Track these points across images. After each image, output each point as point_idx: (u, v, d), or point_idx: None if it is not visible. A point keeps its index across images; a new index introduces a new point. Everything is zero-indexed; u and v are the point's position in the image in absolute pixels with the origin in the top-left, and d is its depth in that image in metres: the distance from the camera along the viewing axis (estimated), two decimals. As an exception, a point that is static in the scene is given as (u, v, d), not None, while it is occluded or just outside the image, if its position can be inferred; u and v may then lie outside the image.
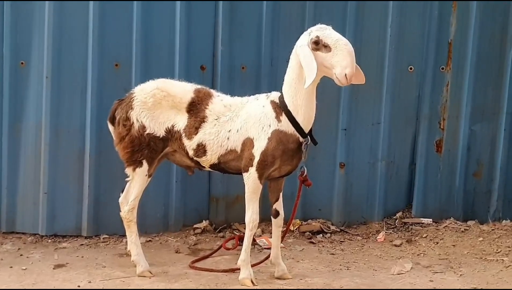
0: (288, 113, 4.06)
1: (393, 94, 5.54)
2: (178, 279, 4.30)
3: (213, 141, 4.22)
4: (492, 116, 5.65)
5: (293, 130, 4.07)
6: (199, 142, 4.25)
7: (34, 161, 5.20)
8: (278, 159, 4.09)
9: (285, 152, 4.10)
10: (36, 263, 4.67)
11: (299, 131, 4.07)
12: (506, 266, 4.66)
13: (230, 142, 4.20)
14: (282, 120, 4.08)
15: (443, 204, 5.69)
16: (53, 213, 5.21)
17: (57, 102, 5.14)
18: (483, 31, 5.52)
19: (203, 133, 4.24)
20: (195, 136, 4.25)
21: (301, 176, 4.28)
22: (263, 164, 4.08)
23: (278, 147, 4.06)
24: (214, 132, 4.22)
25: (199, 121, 4.26)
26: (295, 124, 4.06)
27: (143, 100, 4.34)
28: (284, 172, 4.25)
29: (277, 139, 4.06)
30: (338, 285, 4.22)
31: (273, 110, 4.12)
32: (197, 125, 4.25)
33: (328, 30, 3.97)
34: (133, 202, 4.40)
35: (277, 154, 4.07)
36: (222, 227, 5.47)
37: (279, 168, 4.16)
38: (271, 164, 4.10)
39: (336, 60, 3.88)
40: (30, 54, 5.16)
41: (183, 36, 5.24)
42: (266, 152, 4.06)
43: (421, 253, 5.02)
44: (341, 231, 5.50)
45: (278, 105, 4.11)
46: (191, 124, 4.27)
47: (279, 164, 4.12)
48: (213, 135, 4.22)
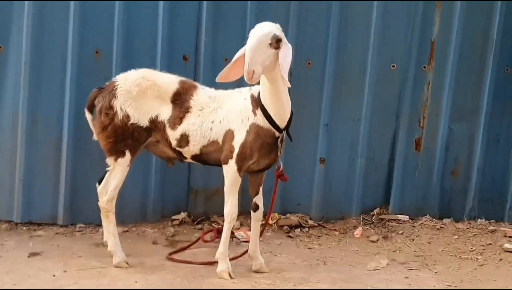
0: (262, 108, 4.05)
1: (375, 91, 5.55)
2: (155, 271, 4.27)
3: (196, 131, 4.21)
4: (471, 116, 5.70)
5: (268, 125, 4.06)
6: (182, 132, 4.23)
7: (10, 148, 5.12)
8: (256, 152, 4.09)
9: (263, 146, 4.09)
10: (10, 250, 4.61)
11: (274, 126, 4.06)
12: (480, 264, 4.72)
13: (213, 133, 4.19)
14: (257, 114, 4.07)
15: (420, 201, 5.74)
16: (29, 201, 5.14)
17: (35, 88, 5.06)
18: (465, 32, 5.57)
19: (187, 124, 4.22)
20: (179, 126, 4.23)
21: (277, 171, 4.28)
22: (242, 157, 4.08)
23: (256, 140, 4.06)
24: (197, 123, 4.21)
25: (184, 111, 4.24)
26: (269, 119, 4.04)
27: (128, 89, 4.29)
28: (263, 165, 4.24)
29: (254, 132, 4.06)
30: (315, 280, 4.23)
31: (251, 104, 4.11)
32: (181, 116, 4.24)
33: (256, 27, 3.92)
34: (113, 192, 4.36)
35: (255, 147, 4.07)
36: (201, 219, 5.46)
37: (258, 162, 4.16)
38: (249, 157, 4.09)
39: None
40: (8, 38, 5.06)
41: (165, 25, 5.19)
42: (245, 145, 4.07)
43: (397, 250, 5.06)
44: (319, 225, 5.52)
45: (256, 98, 4.10)
46: (176, 115, 4.25)
47: (257, 157, 4.12)
48: (196, 125, 4.21)
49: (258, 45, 3.79)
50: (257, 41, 3.79)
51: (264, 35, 3.82)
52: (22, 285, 3.90)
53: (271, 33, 3.84)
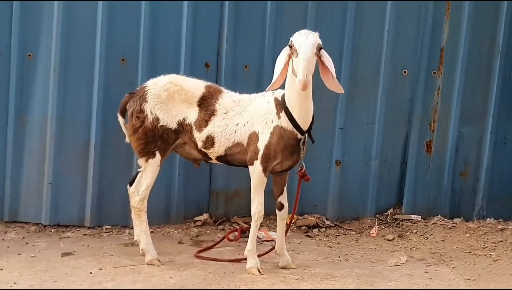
0: (286, 110, 4.25)
1: (388, 96, 5.78)
2: (186, 268, 4.46)
3: (221, 133, 4.42)
4: (480, 119, 5.93)
5: (292, 127, 4.27)
6: (208, 134, 4.43)
7: (39, 152, 5.31)
8: (279, 154, 4.30)
9: (286, 148, 4.30)
10: (43, 251, 4.77)
11: (297, 128, 4.26)
12: (494, 260, 4.92)
13: (237, 135, 4.40)
14: (281, 116, 4.28)
15: (432, 202, 5.95)
16: (57, 204, 5.32)
17: (63, 95, 5.26)
18: (473, 39, 5.80)
19: (212, 126, 4.43)
20: (205, 128, 4.44)
21: (300, 171, 4.49)
22: (266, 157, 4.29)
23: (279, 142, 4.27)
24: (222, 125, 4.42)
25: (209, 114, 4.45)
26: (293, 122, 4.25)
27: (157, 94, 4.51)
28: (286, 166, 4.44)
29: (278, 134, 4.27)
30: (340, 275, 4.43)
31: (275, 107, 4.32)
32: (207, 118, 4.45)
33: (302, 36, 4.08)
34: (145, 191, 4.55)
35: (279, 149, 4.28)
36: (222, 220, 5.65)
37: (281, 163, 4.36)
38: (273, 158, 4.30)
39: (296, 65, 4.04)
40: (38, 47, 5.26)
41: (189, 33, 5.40)
42: (269, 146, 4.28)
43: (413, 247, 5.26)
44: (335, 226, 5.73)
45: (280, 102, 4.31)
46: (202, 117, 4.46)
47: (280, 158, 4.32)
48: (221, 128, 4.42)
49: (311, 56, 4.00)
50: (311, 52, 3.99)
51: (314, 45, 4.02)
52: (62, 282, 4.07)
53: (317, 42, 4.06)
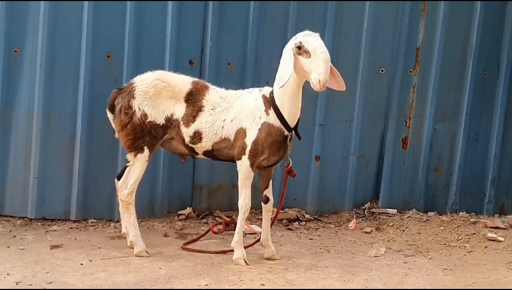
0: (275, 108, 4.41)
1: (366, 94, 5.99)
2: (174, 259, 4.58)
3: (208, 129, 4.54)
4: (453, 117, 6.20)
5: (279, 124, 4.43)
6: (195, 130, 4.56)
7: (25, 146, 5.36)
8: (266, 149, 4.45)
9: (273, 144, 4.46)
10: (31, 243, 4.83)
11: (285, 125, 4.43)
12: (469, 251, 5.17)
13: (224, 130, 4.53)
14: (270, 113, 4.44)
15: (407, 196, 6.20)
16: (43, 197, 5.38)
17: (49, 90, 5.32)
18: (448, 39, 6.06)
19: (199, 122, 4.55)
20: (192, 124, 4.56)
21: (287, 167, 4.65)
22: (254, 153, 4.43)
23: (267, 138, 4.42)
24: (210, 121, 4.54)
25: (197, 110, 4.57)
26: (281, 119, 4.41)
27: (145, 90, 4.60)
28: (272, 162, 4.60)
29: (266, 130, 4.42)
30: (323, 265, 4.60)
31: (263, 104, 4.47)
32: (195, 114, 4.56)
33: (312, 37, 4.25)
34: (133, 185, 4.65)
35: (266, 145, 4.43)
36: (205, 214, 5.78)
37: (268, 158, 4.51)
38: (261, 153, 4.45)
39: (313, 66, 4.15)
40: (24, 43, 5.31)
41: (173, 31, 5.51)
42: (257, 142, 4.42)
43: (391, 239, 5.47)
44: (315, 219, 5.91)
45: (268, 99, 4.46)
46: (189, 113, 4.57)
47: (267, 154, 4.48)
48: (209, 123, 4.54)
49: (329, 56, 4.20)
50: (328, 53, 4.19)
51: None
52: (54, 273, 4.14)
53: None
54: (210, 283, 4.08)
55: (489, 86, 6.25)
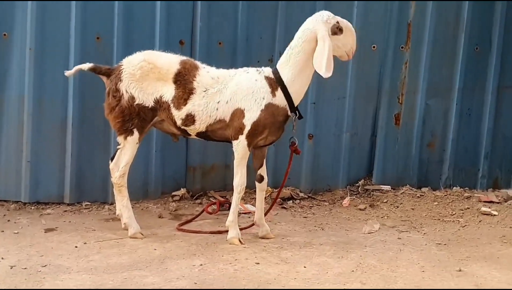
0: (284, 88, 4.40)
1: (358, 71, 5.97)
2: (169, 240, 4.59)
3: (202, 111, 4.50)
4: (446, 92, 6.18)
5: (285, 104, 4.44)
6: (188, 113, 4.51)
7: (16, 131, 5.34)
8: (267, 130, 4.46)
9: (274, 124, 4.47)
10: (25, 227, 4.84)
11: (290, 105, 4.44)
12: (463, 225, 5.19)
13: (219, 112, 4.50)
14: (277, 94, 4.43)
15: (400, 172, 6.21)
16: (36, 181, 5.38)
17: (40, 74, 5.29)
18: (439, 14, 6.03)
19: (192, 104, 4.51)
20: (184, 107, 4.52)
21: (292, 146, 4.66)
22: (253, 133, 4.43)
23: (269, 119, 4.42)
24: (203, 104, 4.50)
25: (188, 92, 4.51)
26: (289, 99, 4.42)
27: (131, 72, 4.56)
28: (269, 141, 4.61)
29: (269, 111, 4.42)
30: (317, 243, 4.62)
31: (268, 85, 4.45)
32: (186, 97, 4.51)
33: (338, 17, 4.52)
34: (124, 168, 4.64)
35: (267, 125, 4.44)
36: (199, 195, 5.79)
37: (266, 138, 4.52)
38: (260, 133, 4.46)
39: (347, 40, 4.50)
40: (13, 26, 5.27)
41: (163, 11, 5.47)
42: (258, 123, 4.41)
43: (384, 216, 5.49)
44: (309, 197, 5.93)
45: (274, 80, 4.44)
46: (180, 96, 4.52)
47: (267, 134, 4.48)
48: (202, 106, 4.50)
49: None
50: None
51: None
52: (49, 256, 4.15)
53: None
54: (205, 262, 4.10)
55: (481, 61, 6.22)
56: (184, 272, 3.92)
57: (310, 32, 4.40)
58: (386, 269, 4.09)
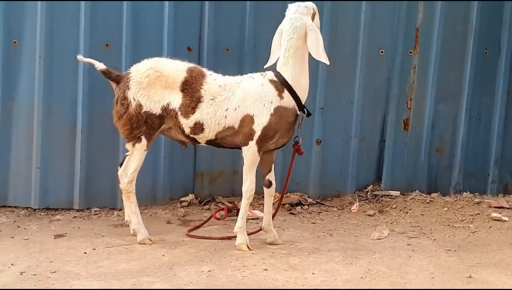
0: (290, 89, 4.41)
1: (366, 76, 5.96)
2: (177, 246, 4.59)
3: (210, 120, 4.51)
4: (455, 97, 6.15)
5: (294, 104, 4.45)
6: (196, 121, 4.52)
7: (26, 137, 5.38)
8: (278, 133, 4.47)
9: (285, 126, 4.49)
10: (35, 233, 4.86)
11: (298, 103, 4.45)
12: (473, 231, 5.16)
13: (228, 119, 4.50)
14: (284, 96, 4.43)
15: (409, 177, 6.18)
16: (46, 187, 5.41)
17: (49, 81, 5.33)
18: (447, 19, 6.00)
19: (200, 113, 4.51)
20: (192, 115, 4.52)
21: (296, 145, 4.65)
22: (264, 138, 4.43)
23: (279, 122, 4.43)
24: (211, 112, 4.51)
25: (195, 101, 4.52)
26: (296, 98, 4.43)
27: (139, 80, 4.58)
28: (280, 144, 4.62)
29: (278, 114, 4.42)
30: (326, 249, 4.61)
31: (274, 89, 4.45)
32: (194, 105, 4.51)
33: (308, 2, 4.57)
34: (133, 174, 4.65)
35: (278, 128, 4.45)
36: (207, 201, 5.79)
37: (277, 141, 4.53)
38: (271, 138, 4.46)
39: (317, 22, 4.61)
40: (22, 34, 5.32)
41: (171, 18, 5.50)
42: (269, 127, 4.42)
43: (394, 222, 5.47)
44: (317, 203, 5.92)
45: (279, 83, 4.44)
46: (187, 104, 4.52)
47: (278, 137, 4.49)
48: (210, 114, 4.51)
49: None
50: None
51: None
52: (58, 263, 4.17)
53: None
54: (213, 269, 4.10)
55: (490, 65, 6.20)
56: (192, 279, 3.92)
57: (301, 29, 4.41)
58: (395, 276, 4.07)
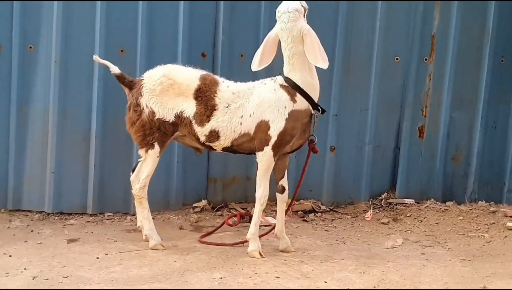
0: (302, 92, 4.42)
1: (380, 83, 5.93)
2: (189, 252, 4.58)
3: (226, 127, 4.51)
4: (470, 105, 6.10)
5: (307, 105, 4.45)
6: (212, 129, 4.52)
7: (41, 142, 5.41)
8: (294, 137, 4.47)
9: (300, 128, 4.48)
10: (48, 238, 4.88)
11: (312, 103, 4.46)
12: (488, 241, 5.10)
13: (243, 126, 4.50)
14: (297, 100, 4.43)
15: (424, 185, 6.12)
16: (59, 192, 5.44)
17: (64, 85, 5.37)
18: (463, 26, 5.96)
19: (215, 121, 4.51)
20: (207, 123, 4.52)
21: (311, 143, 4.64)
22: (280, 143, 4.43)
23: (294, 126, 4.43)
24: (226, 119, 4.51)
25: (210, 109, 4.52)
26: (309, 99, 4.44)
27: (152, 88, 4.59)
28: (296, 146, 4.62)
29: (293, 118, 4.42)
30: (339, 257, 4.57)
31: (286, 93, 4.44)
32: (209, 114, 4.52)
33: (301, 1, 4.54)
34: (145, 180, 4.66)
35: (295, 132, 4.45)
36: (220, 206, 5.79)
37: (292, 144, 4.53)
38: (287, 142, 4.47)
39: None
40: (38, 39, 5.36)
41: (186, 24, 5.51)
42: (285, 132, 4.41)
43: (408, 230, 5.42)
44: (330, 210, 5.89)
45: (290, 87, 4.44)
46: (202, 112, 4.52)
47: (294, 140, 4.49)
48: (225, 122, 4.51)
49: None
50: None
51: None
52: (70, 267, 4.18)
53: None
54: (224, 276, 4.08)
55: (506, 73, 6.13)
56: (203, 285, 3.91)
57: (297, 36, 4.42)
58: (409, 285, 4.03)
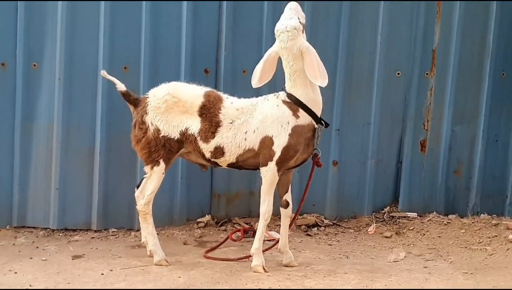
0: (305, 107, 4.46)
1: (382, 97, 5.97)
2: (193, 267, 4.61)
3: (230, 143, 4.56)
4: (472, 118, 6.13)
5: (310, 119, 4.49)
6: (216, 145, 4.57)
7: (45, 158, 5.45)
8: (298, 152, 4.50)
9: (304, 142, 4.52)
10: (53, 254, 4.91)
11: (315, 118, 4.50)
12: (490, 254, 5.11)
13: (248, 142, 4.54)
14: (300, 115, 4.47)
15: (427, 199, 6.14)
16: (64, 208, 5.47)
17: (68, 103, 5.41)
18: (464, 40, 6.00)
19: (220, 137, 4.56)
20: (212, 140, 4.57)
21: (315, 157, 4.67)
22: (284, 158, 4.47)
23: (298, 141, 4.47)
24: (231, 136, 4.55)
25: (215, 125, 4.57)
26: (312, 114, 4.48)
27: (156, 106, 4.64)
28: (300, 160, 4.64)
29: (297, 133, 4.47)
30: (342, 271, 4.59)
31: (289, 109, 4.49)
32: (213, 130, 4.57)
33: (299, 14, 4.60)
34: (150, 196, 4.69)
35: (299, 147, 4.49)
36: (224, 221, 5.81)
37: (296, 159, 4.56)
38: (291, 157, 4.50)
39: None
40: (42, 57, 5.41)
41: (188, 41, 5.56)
42: (288, 147, 4.45)
43: (411, 244, 5.44)
44: (333, 224, 5.91)
45: (292, 103, 4.49)
46: (207, 129, 4.57)
47: (298, 154, 4.52)
48: (230, 138, 4.55)
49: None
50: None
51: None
52: (75, 284, 4.21)
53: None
54: (228, 291, 4.12)
55: (507, 86, 6.15)
56: (208, 301, 3.94)
57: (298, 54, 4.49)
58: (411, 299, 4.06)
